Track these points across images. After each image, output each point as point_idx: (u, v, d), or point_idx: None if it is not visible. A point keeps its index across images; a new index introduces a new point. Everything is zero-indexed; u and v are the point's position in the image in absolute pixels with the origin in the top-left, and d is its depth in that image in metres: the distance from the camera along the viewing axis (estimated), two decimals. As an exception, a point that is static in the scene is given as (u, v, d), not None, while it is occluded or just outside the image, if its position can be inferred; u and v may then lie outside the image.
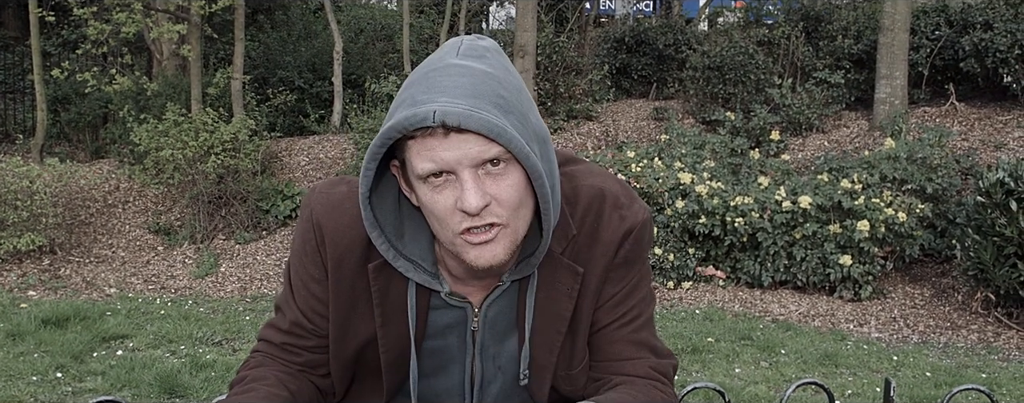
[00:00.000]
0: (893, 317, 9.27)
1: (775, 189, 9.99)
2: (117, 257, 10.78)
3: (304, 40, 16.63)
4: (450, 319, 1.92)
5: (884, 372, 7.57)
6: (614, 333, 1.94)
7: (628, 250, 1.90)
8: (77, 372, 6.95)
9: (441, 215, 1.70)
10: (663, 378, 1.97)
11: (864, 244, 9.38)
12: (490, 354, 1.96)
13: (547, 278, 1.88)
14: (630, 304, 1.95)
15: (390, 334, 1.91)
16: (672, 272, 9.93)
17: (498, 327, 1.94)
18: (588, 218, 1.88)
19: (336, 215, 1.87)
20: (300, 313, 1.95)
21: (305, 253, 1.91)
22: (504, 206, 1.69)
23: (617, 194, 1.90)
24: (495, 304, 1.91)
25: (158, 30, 11.65)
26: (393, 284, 1.88)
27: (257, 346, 2.03)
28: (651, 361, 1.96)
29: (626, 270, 1.93)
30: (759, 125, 12.58)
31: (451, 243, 1.73)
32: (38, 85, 12.72)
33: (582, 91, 14.84)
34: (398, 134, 1.66)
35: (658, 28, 16.44)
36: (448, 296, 1.88)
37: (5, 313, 8.56)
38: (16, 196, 10.12)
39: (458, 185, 1.67)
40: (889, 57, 12.60)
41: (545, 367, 1.94)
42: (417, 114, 1.63)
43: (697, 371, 7.44)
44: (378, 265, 1.86)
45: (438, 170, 1.66)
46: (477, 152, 1.65)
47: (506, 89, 1.71)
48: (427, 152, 1.65)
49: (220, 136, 11.16)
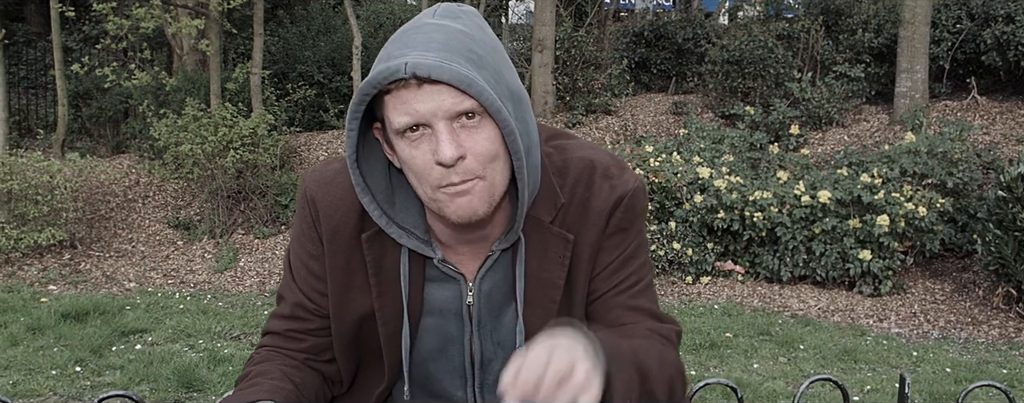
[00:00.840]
0: (913, 312, 9.22)
1: (794, 184, 9.95)
2: (137, 252, 10.82)
3: (323, 35, 16.63)
4: (446, 294, 1.93)
5: (903, 368, 7.53)
6: (611, 300, 1.95)
7: (620, 218, 1.91)
8: (96, 366, 6.98)
9: (419, 170, 1.72)
10: (665, 339, 1.95)
11: (884, 239, 9.33)
12: (488, 331, 1.96)
13: (537, 247, 1.89)
14: (627, 271, 1.95)
15: (387, 306, 1.92)
16: (690, 267, 9.90)
17: (494, 301, 1.94)
18: (578, 188, 1.89)
19: (329, 189, 1.91)
20: (301, 294, 1.98)
21: (302, 231, 1.95)
22: (478, 159, 1.72)
23: (607, 164, 1.92)
24: (488, 277, 1.92)
25: (177, 25, 11.67)
26: (387, 254, 1.90)
27: (262, 341, 2.04)
28: (650, 324, 1.94)
29: (620, 238, 1.93)
30: (778, 119, 12.52)
31: (432, 199, 1.75)
32: (59, 80, 12.78)
33: (601, 85, 14.81)
34: (373, 89, 1.70)
35: (677, 22, 16.40)
36: (441, 263, 1.89)
37: (26, 307, 8.61)
38: (37, 191, 10.17)
39: (434, 138, 1.70)
40: (910, 51, 12.53)
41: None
42: (389, 67, 1.67)
43: (715, 366, 7.42)
44: (371, 235, 1.89)
45: (414, 123, 1.69)
46: (450, 104, 1.68)
47: (479, 46, 1.74)
48: (402, 105, 1.69)
49: (239, 131, 11.18)
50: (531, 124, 1.81)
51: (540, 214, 1.87)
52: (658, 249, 9.81)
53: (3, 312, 8.40)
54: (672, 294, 9.65)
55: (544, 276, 1.90)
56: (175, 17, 12.29)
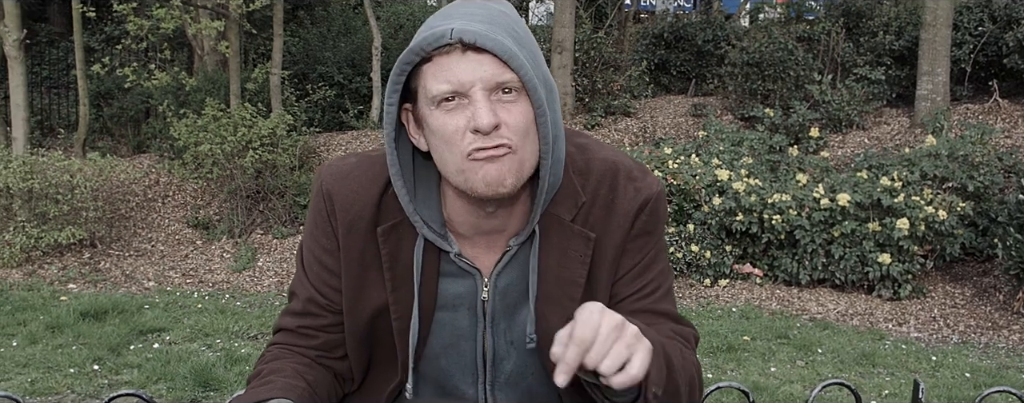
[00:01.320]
0: (933, 316, 9.17)
1: (813, 186, 9.91)
2: (156, 251, 10.87)
3: (343, 36, 16.68)
4: (460, 289, 1.93)
5: (922, 373, 7.50)
6: (634, 305, 1.94)
7: (645, 221, 1.92)
8: (114, 365, 7.02)
9: (451, 137, 1.72)
10: (685, 341, 1.96)
11: (904, 242, 9.28)
12: (501, 329, 1.96)
13: (557, 245, 1.89)
14: (649, 276, 1.96)
15: (401, 299, 1.91)
16: (709, 270, 9.88)
17: (509, 298, 1.94)
18: (602, 189, 1.90)
19: (345, 182, 1.91)
20: (314, 290, 1.97)
21: (316, 225, 1.95)
22: (513, 130, 1.72)
23: (630, 167, 1.94)
24: (505, 273, 1.92)
25: (196, 26, 11.71)
26: (403, 247, 1.90)
27: (273, 339, 2.04)
28: (672, 326, 1.96)
29: (644, 241, 1.94)
30: (798, 122, 12.48)
31: (459, 170, 1.74)
32: (81, 80, 12.85)
33: (620, 87, 14.79)
34: (416, 57, 1.71)
35: (697, 24, 16.36)
36: (457, 257, 1.89)
37: (45, 306, 8.65)
38: (57, 190, 10.23)
39: (471, 107, 1.71)
40: (931, 53, 12.46)
41: None
42: (434, 33, 1.69)
43: (732, 369, 7.40)
44: (387, 228, 1.89)
45: (453, 91, 1.71)
46: (491, 74, 1.70)
47: (519, 28, 1.79)
48: (443, 73, 1.71)
49: (258, 131, 11.22)
50: (559, 116, 1.83)
51: (560, 212, 1.88)
52: (676, 251, 9.79)
53: (23, 310, 8.45)
54: (690, 297, 9.63)
55: (564, 274, 1.90)
56: (195, 18, 12.33)
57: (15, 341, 7.56)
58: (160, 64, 13.73)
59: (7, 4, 11.72)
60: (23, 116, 11.88)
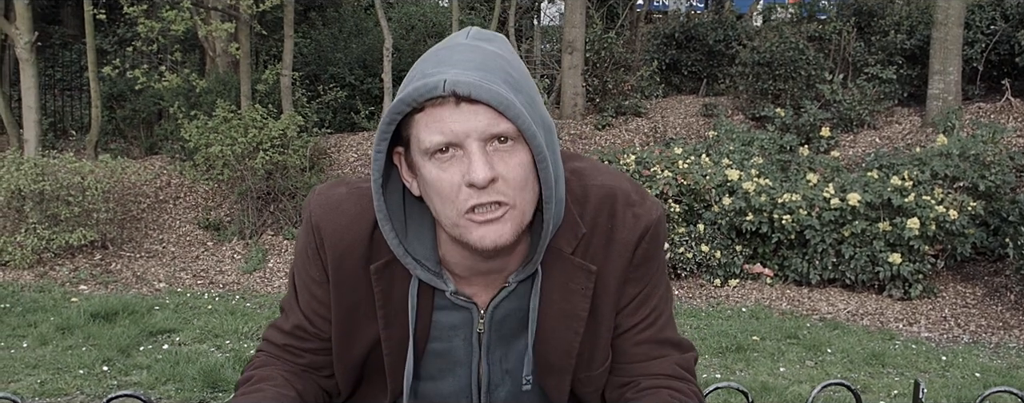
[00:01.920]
0: (944, 316, 9.14)
1: (824, 186, 9.89)
2: (167, 252, 10.90)
3: (355, 37, 16.71)
4: (455, 320, 1.89)
5: (932, 372, 7.47)
6: (639, 335, 1.92)
7: (646, 248, 1.87)
8: (123, 366, 7.04)
9: (446, 193, 1.66)
10: (687, 375, 1.94)
11: (914, 242, 9.25)
12: (496, 357, 1.93)
13: (559, 279, 1.84)
14: (652, 304, 1.92)
15: (394, 336, 1.88)
16: (719, 270, 9.86)
17: (505, 329, 1.90)
18: (600, 218, 1.84)
19: (334, 216, 1.85)
20: (303, 316, 1.93)
21: (306, 256, 1.89)
22: (511, 184, 1.66)
23: (628, 192, 1.87)
24: (502, 306, 1.88)
25: (207, 28, 11.74)
26: (396, 285, 1.85)
27: (261, 346, 2.02)
28: (675, 358, 1.93)
29: (645, 269, 1.89)
30: (809, 121, 12.45)
31: (454, 224, 1.68)
32: (93, 82, 12.90)
33: (631, 87, 14.78)
34: (408, 107, 1.64)
35: (708, 24, 16.34)
36: (453, 295, 1.85)
37: (56, 307, 8.69)
38: (69, 192, 10.26)
39: (465, 160, 1.64)
40: (942, 52, 12.43)
41: (563, 369, 1.91)
42: (427, 84, 1.61)
43: (741, 370, 7.39)
44: (380, 265, 1.83)
45: (446, 143, 1.63)
46: (486, 125, 1.62)
47: (515, 70, 1.70)
48: (436, 124, 1.63)
49: (269, 132, 11.24)
50: (558, 155, 1.77)
51: (560, 245, 1.82)
52: (686, 252, 9.78)
53: (34, 312, 8.49)
54: (700, 297, 9.62)
55: (566, 308, 1.86)
56: (205, 20, 12.37)
57: (25, 342, 7.59)
58: (171, 66, 13.77)
59: (19, 7, 11.77)
60: (35, 118, 11.93)
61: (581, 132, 13.83)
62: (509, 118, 1.62)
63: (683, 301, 9.53)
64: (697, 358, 1.99)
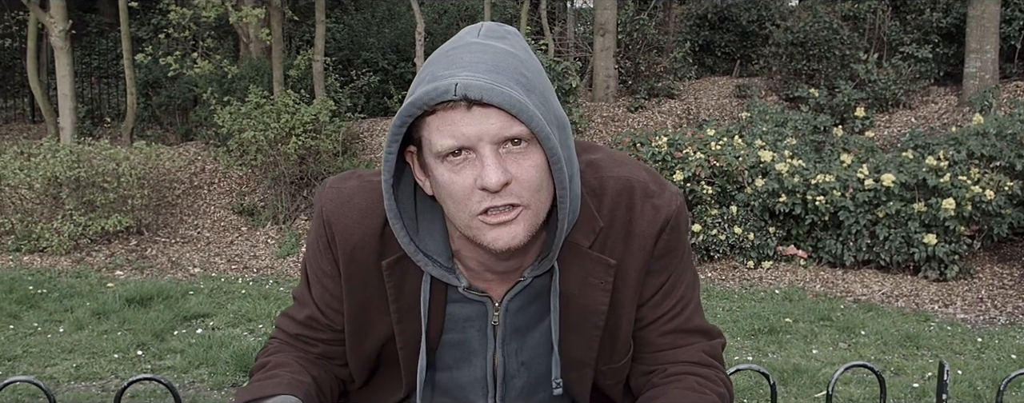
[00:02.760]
0: (980, 297, 9.05)
1: (858, 167, 9.80)
2: (202, 237, 10.97)
3: (388, 22, 16.73)
4: (470, 312, 1.88)
5: (967, 354, 7.41)
6: (665, 326, 1.90)
7: (667, 240, 1.84)
8: (157, 350, 7.11)
9: (459, 196, 1.64)
10: (714, 361, 1.92)
11: (950, 223, 9.16)
12: (512, 349, 1.92)
13: (577, 274, 1.83)
14: (677, 295, 1.90)
15: (407, 330, 1.87)
16: (752, 251, 9.81)
17: (520, 321, 1.89)
18: (618, 211, 1.82)
19: (345, 211, 1.84)
20: (316, 308, 1.93)
21: (317, 249, 1.89)
22: (524, 186, 1.64)
23: (646, 182, 1.84)
24: (517, 299, 1.86)
25: (237, 14, 11.79)
26: (408, 279, 1.84)
27: (274, 333, 2.02)
28: (702, 345, 1.91)
29: (668, 260, 1.87)
30: (843, 102, 12.34)
31: (467, 226, 1.67)
32: (128, 70, 13.00)
33: (664, 69, 14.71)
34: (418, 110, 1.61)
35: (742, 4, 16.23)
36: (467, 290, 1.84)
37: (92, 292, 8.78)
38: (104, 178, 10.35)
39: (478, 163, 1.62)
40: (979, 30, 12.28)
41: (585, 363, 1.91)
42: (438, 88, 1.59)
43: (773, 352, 7.35)
44: (392, 261, 1.82)
45: (458, 146, 1.61)
46: (498, 128, 1.60)
47: (528, 69, 1.67)
48: (448, 127, 1.61)
49: (301, 117, 11.28)
50: (573, 151, 1.75)
51: (577, 239, 1.80)
52: (719, 234, 9.73)
53: (70, 297, 8.58)
54: (733, 279, 9.57)
55: (586, 303, 1.84)
56: (237, 6, 12.41)
57: (62, 327, 7.68)
58: (203, 53, 13.84)
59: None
60: (70, 106, 12.03)
61: (613, 114, 13.78)
62: (522, 121, 1.60)
63: (715, 283, 9.49)
64: (725, 344, 1.98)
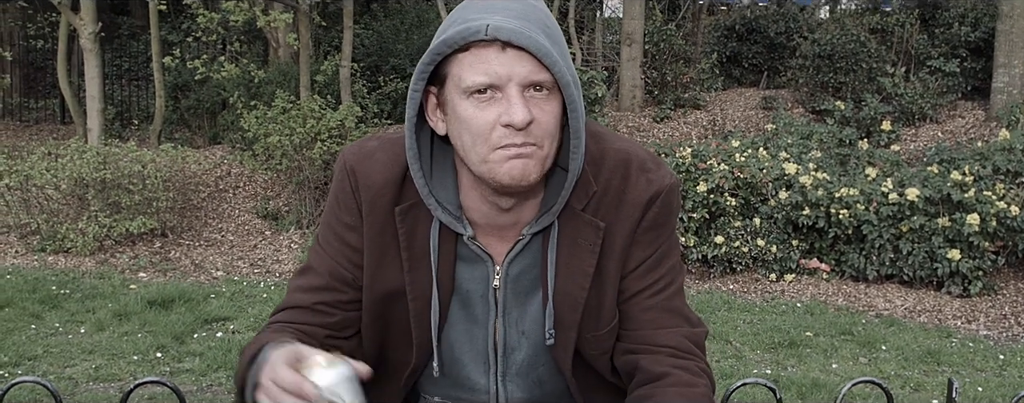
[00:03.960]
0: (1003, 314, 8.99)
1: (882, 181, 9.76)
2: (226, 241, 11.03)
3: (416, 29, 16.81)
4: (474, 274, 1.94)
5: (988, 371, 7.36)
6: (647, 301, 1.95)
7: (656, 213, 1.91)
8: (176, 353, 7.15)
9: (481, 130, 1.73)
10: (696, 349, 1.96)
11: (974, 238, 9.10)
12: (513, 318, 1.96)
13: (569, 234, 1.90)
14: (661, 271, 1.96)
15: (417, 281, 1.92)
16: (775, 264, 9.77)
17: (520, 286, 1.94)
18: (614, 180, 1.90)
19: (368, 161, 1.92)
20: (337, 264, 1.96)
21: (339, 202, 1.95)
22: (543, 130, 1.74)
23: (644, 158, 1.93)
24: (516, 261, 1.92)
25: (265, 19, 11.86)
26: (419, 228, 1.91)
27: (277, 317, 2.01)
28: (684, 330, 1.96)
29: (655, 234, 1.93)
30: (870, 115, 12.30)
31: (483, 161, 1.75)
32: (157, 73, 13.10)
33: (690, 80, 14.70)
34: (449, 48, 1.72)
35: (770, 16, 16.20)
36: (470, 241, 1.90)
37: (115, 294, 8.83)
38: (130, 180, 10.42)
39: (504, 102, 1.72)
40: (1007, 45, 12.22)
41: (569, 326, 1.94)
42: (470, 27, 1.70)
43: (792, 365, 7.32)
44: (405, 208, 1.90)
45: (489, 83, 1.71)
46: (527, 72, 1.71)
47: (551, 23, 1.79)
48: (481, 65, 1.71)
49: (327, 123, 11.32)
50: (583, 111, 1.83)
51: (572, 201, 1.88)
52: (742, 246, 9.70)
53: (93, 298, 8.64)
54: (755, 291, 9.54)
55: (573, 263, 1.90)
56: (264, 11, 12.49)
57: (83, 328, 7.74)
58: (231, 56, 13.93)
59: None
60: (98, 108, 12.13)
61: (639, 124, 13.78)
62: (548, 67, 1.71)
63: (738, 295, 9.47)
64: (707, 334, 2.02)
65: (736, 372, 7.01)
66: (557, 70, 1.71)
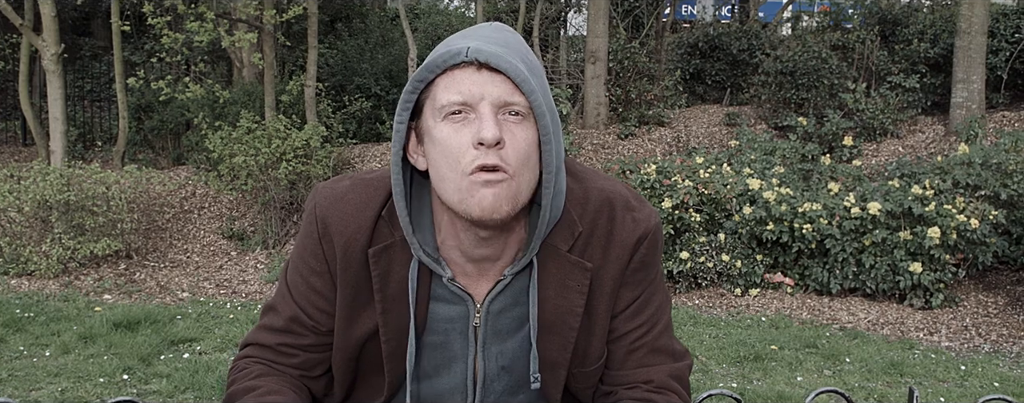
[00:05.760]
0: (964, 325, 9.09)
1: (844, 195, 9.86)
2: (191, 262, 10.99)
3: (380, 48, 16.81)
4: (452, 313, 1.93)
5: (950, 382, 7.44)
6: (635, 343, 1.96)
7: (645, 253, 1.93)
8: (143, 374, 7.11)
9: (455, 152, 1.74)
10: (678, 386, 1.99)
11: (935, 251, 9.21)
12: (493, 353, 1.96)
13: (555, 276, 1.90)
14: (649, 311, 1.97)
15: (391, 322, 1.91)
16: (739, 279, 9.85)
17: (501, 324, 1.94)
18: (600, 220, 1.90)
19: (340, 205, 1.90)
20: (298, 309, 1.96)
21: (306, 247, 1.94)
22: (514, 155, 1.74)
23: (627, 197, 1.94)
24: (498, 300, 1.92)
25: (230, 39, 11.85)
26: (393, 270, 1.90)
27: (246, 352, 2.03)
28: (667, 368, 1.97)
29: (644, 274, 1.95)
30: (832, 130, 12.42)
31: (458, 189, 1.75)
32: (120, 93, 13.03)
33: (654, 97, 14.79)
34: (431, 74, 1.76)
35: (732, 33, 16.34)
36: (450, 282, 1.90)
37: (80, 316, 8.78)
38: (94, 202, 10.37)
39: (477, 122, 1.74)
40: (966, 61, 12.38)
41: (558, 364, 1.95)
42: (451, 51, 1.74)
43: (758, 379, 7.38)
44: (378, 249, 1.89)
45: (463, 101, 1.74)
46: (501, 93, 1.74)
47: (532, 57, 1.84)
48: (455, 85, 1.74)
49: (292, 143, 11.32)
50: (562, 149, 1.83)
51: (557, 242, 1.88)
52: (707, 261, 9.77)
53: (57, 321, 8.58)
54: (720, 306, 9.61)
55: (562, 304, 1.91)
56: (229, 31, 12.47)
57: (48, 351, 7.68)
58: (196, 77, 13.89)
59: (45, 19, 11.92)
60: (61, 129, 12.07)
61: (603, 142, 13.85)
62: (524, 92, 1.74)
63: (702, 310, 9.53)
64: (691, 366, 2.04)
65: (702, 386, 7.05)
66: (533, 97, 1.74)
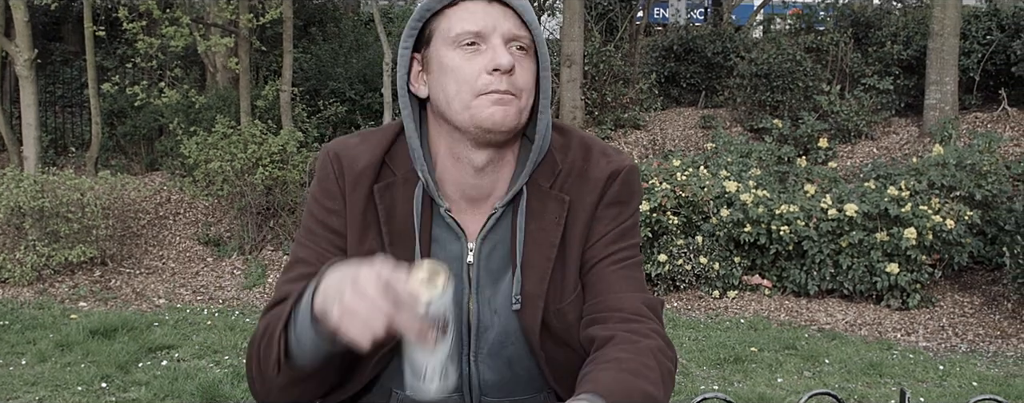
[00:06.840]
0: (941, 325, 9.15)
1: (821, 197, 9.91)
2: (167, 268, 10.92)
3: (355, 52, 16.74)
4: (449, 251, 2.00)
5: (929, 382, 7.48)
6: (607, 269, 2.02)
7: (617, 190, 2.02)
8: (122, 382, 7.05)
9: (467, 76, 1.87)
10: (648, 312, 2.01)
11: (911, 252, 9.26)
12: (486, 296, 2.01)
13: (537, 209, 2.00)
14: (623, 244, 2.04)
15: (397, 255, 1.96)
16: (717, 281, 9.87)
17: (492, 263, 2.01)
18: (577, 161, 2.02)
19: (350, 148, 2.01)
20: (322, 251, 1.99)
21: (322, 189, 2.01)
22: (523, 81, 1.90)
23: (605, 147, 2.07)
24: (490, 237, 2.00)
25: (206, 43, 11.79)
26: (398, 204, 1.98)
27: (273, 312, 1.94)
28: (640, 296, 2.02)
29: (616, 210, 2.03)
30: (807, 132, 12.48)
31: (467, 106, 1.88)
32: (93, 99, 12.95)
33: (630, 100, 14.82)
34: (439, 4, 1.90)
35: (707, 36, 16.38)
36: (446, 213, 1.98)
37: (55, 324, 8.71)
38: (68, 208, 10.29)
39: (489, 52, 1.87)
40: (939, 62, 12.46)
41: (536, 296, 2.00)
42: None
43: (739, 381, 7.39)
44: (383, 186, 1.98)
45: (477, 31, 1.87)
46: (511, 27, 1.89)
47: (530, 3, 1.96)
48: (470, 16, 1.88)
49: (268, 148, 11.27)
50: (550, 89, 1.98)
51: (539, 180, 1.99)
52: (685, 264, 9.79)
53: (33, 329, 8.51)
54: (698, 309, 9.63)
55: (541, 237, 1.99)
56: (205, 35, 12.41)
57: (24, 360, 7.61)
58: (170, 82, 13.81)
59: (18, 25, 11.83)
60: (34, 135, 11.97)
61: (580, 145, 13.85)
62: (528, 26, 1.90)
63: (681, 313, 9.55)
64: (663, 303, 2.10)
65: (684, 389, 7.06)
66: (536, 31, 1.90)
